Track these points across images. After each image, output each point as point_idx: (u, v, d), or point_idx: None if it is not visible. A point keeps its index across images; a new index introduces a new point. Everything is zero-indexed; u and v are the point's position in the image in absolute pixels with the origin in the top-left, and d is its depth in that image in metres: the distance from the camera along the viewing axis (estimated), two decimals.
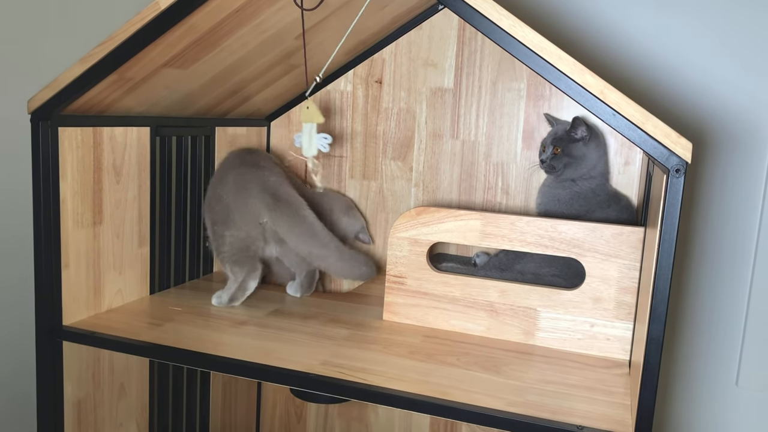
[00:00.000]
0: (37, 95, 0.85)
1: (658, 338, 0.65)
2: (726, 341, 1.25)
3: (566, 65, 0.67)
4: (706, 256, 1.24)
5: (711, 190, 1.22)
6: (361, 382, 0.78)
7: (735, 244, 1.22)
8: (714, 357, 1.26)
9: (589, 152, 1.04)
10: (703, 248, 1.24)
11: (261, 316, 1.00)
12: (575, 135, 1.03)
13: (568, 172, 1.04)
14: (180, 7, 0.78)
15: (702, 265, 1.25)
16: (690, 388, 1.29)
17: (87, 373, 0.96)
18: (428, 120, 1.21)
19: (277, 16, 0.92)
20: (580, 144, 1.03)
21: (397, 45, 1.21)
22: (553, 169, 1.04)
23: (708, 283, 1.25)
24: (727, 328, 1.25)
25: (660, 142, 0.65)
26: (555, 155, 1.04)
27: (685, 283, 1.26)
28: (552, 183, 1.07)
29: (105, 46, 0.81)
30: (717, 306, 1.25)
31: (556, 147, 1.04)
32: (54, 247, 0.88)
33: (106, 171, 0.95)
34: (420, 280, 0.99)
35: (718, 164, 1.21)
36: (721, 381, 1.27)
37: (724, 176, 1.21)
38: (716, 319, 1.25)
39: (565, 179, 1.05)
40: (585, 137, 1.03)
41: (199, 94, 1.05)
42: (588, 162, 1.04)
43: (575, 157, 1.03)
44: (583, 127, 1.03)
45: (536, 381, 0.81)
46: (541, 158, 1.07)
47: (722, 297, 1.24)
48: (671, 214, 0.63)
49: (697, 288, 1.26)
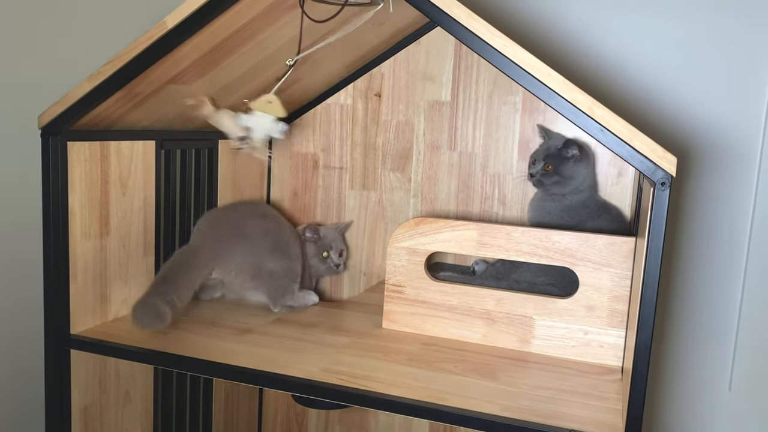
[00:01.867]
0: (47, 111, 0.88)
1: (647, 344, 0.68)
2: (719, 347, 1.28)
3: (556, 83, 0.70)
4: (699, 263, 1.27)
5: (703, 200, 1.25)
6: (362, 388, 0.80)
7: (727, 251, 1.25)
8: (707, 363, 1.29)
9: (578, 170, 1.06)
10: (696, 256, 1.27)
11: (263, 325, 1.02)
12: (566, 154, 1.06)
13: (557, 188, 1.07)
14: (186, 27, 0.81)
15: (695, 273, 1.27)
16: (683, 394, 1.31)
17: (93, 380, 0.98)
18: (426, 132, 1.24)
19: (278, 34, 0.95)
20: (571, 163, 1.06)
21: (396, 59, 1.24)
22: (542, 184, 1.07)
23: (700, 289, 1.27)
24: (719, 334, 1.27)
25: (646, 156, 0.68)
26: (546, 172, 1.06)
27: (677, 289, 1.28)
28: (542, 196, 1.10)
29: (113, 64, 0.84)
30: (709, 312, 1.27)
31: (547, 164, 1.06)
32: (62, 257, 0.91)
33: (113, 183, 0.98)
34: (418, 288, 1.02)
35: (708, 175, 1.24)
36: (715, 387, 1.29)
37: (715, 186, 1.24)
38: (709, 325, 1.28)
39: (555, 194, 1.07)
40: (576, 156, 1.06)
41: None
42: (577, 180, 1.06)
43: (565, 176, 1.06)
44: (575, 148, 1.05)
45: (531, 387, 0.83)
46: (531, 172, 1.09)
47: (715, 303, 1.27)
48: (657, 225, 0.66)
49: (689, 294, 1.28)
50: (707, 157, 1.24)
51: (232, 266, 1.07)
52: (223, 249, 1.07)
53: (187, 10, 0.80)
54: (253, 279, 1.08)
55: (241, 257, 1.07)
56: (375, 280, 1.30)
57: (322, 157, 1.31)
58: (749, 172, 1.22)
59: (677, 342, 1.30)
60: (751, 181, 1.22)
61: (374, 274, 1.30)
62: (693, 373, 1.30)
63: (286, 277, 1.09)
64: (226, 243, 1.07)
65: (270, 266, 1.08)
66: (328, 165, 1.31)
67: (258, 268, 1.07)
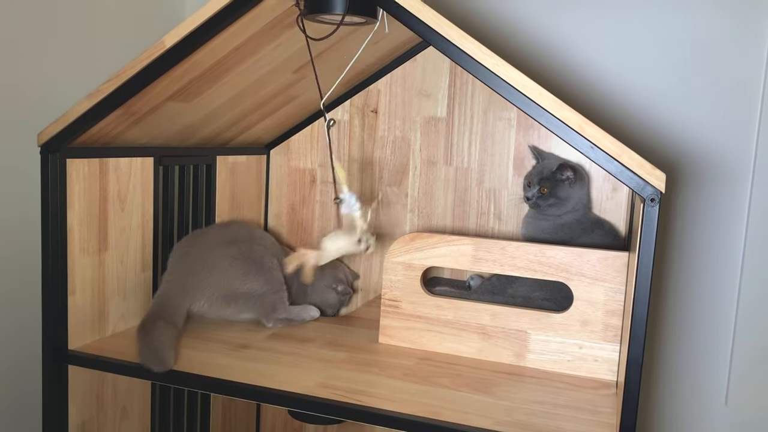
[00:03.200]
0: (46, 128, 0.89)
1: (638, 359, 0.68)
2: (714, 361, 1.28)
3: (546, 101, 0.71)
4: (695, 276, 1.27)
5: (697, 214, 1.26)
6: (358, 403, 0.81)
7: (721, 264, 1.26)
8: (703, 377, 1.29)
9: (574, 192, 1.07)
10: (692, 269, 1.27)
11: (259, 340, 1.03)
12: (561, 176, 1.07)
13: (554, 209, 1.08)
14: (184, 46, 0.83)
15: (690, 286, 1.28)
16: (679, 408, 1.31)
17: (91, 396, 0.99)
18: (422, 147, 1.25)
19: (275, 52, 0.97)
20: (566, 185, 1.07)
21: (392, 76, 1.25)
22: (539, 206, 1.08)
23: (696, 303, 1.28)
24: (715, 347, 1.28)
25: (636, 173, 0.69)
26: (542, 195, 1.07)
27: (672, 303, 1.29)
28: (535, 214, 1.11)
29: (112, 83, 0.85)
30: (705, 326, 1.28)
31: (543, 187, 1.07)
32: (61, 273, 0.91)
33: (111, 200, 0.99)
34: (414, 303, 1.02)
35: (702, 189, 1.25)
36: (711, 400, 1.29)
37: (709, 200, 1.25)
38: (705, 338, 1.28)
39: (550, 214, 1.08)
40: (570, 178, 1.07)
41: (201, 125, 1.09)
42: (573, 201, 1.07)
43: (561, 198, 1.07)
44: (569, 171, 1.07)
45: (525, 401, 0.84)
46: (527, 195, 1.09)
47: (711, 317, 1.27)
48: (647, 241, 0.67)
49: (684, 308, 1.29)
50: (700, 172, 1.25)
51: (203, 300, 1.05)
52: (190, 284, 1.05)
53: (185, 30, 0.81)
54: (231, 306, 1.07)
55: (209, 290, 1.05)
56: (371, 295, 1.31)
57: (319, 172, 1.32)
58: (742, 185, 1.23)
59: (673, 356, 1.30)
60: (744, 195, 1.23)
61: (371, 288, 1.31)
62: (689, 387, 1.30)
63: (268, 292, 1.08)
64: (193, 278, 1.05)
65: (246, 288, 1.07)
66: (326, 180, 1.32)
67: (233, 294, 1.06)
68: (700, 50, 1.23)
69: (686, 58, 1.24)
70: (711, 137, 1.24)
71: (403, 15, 0.76)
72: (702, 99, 1.24)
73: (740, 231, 1.24)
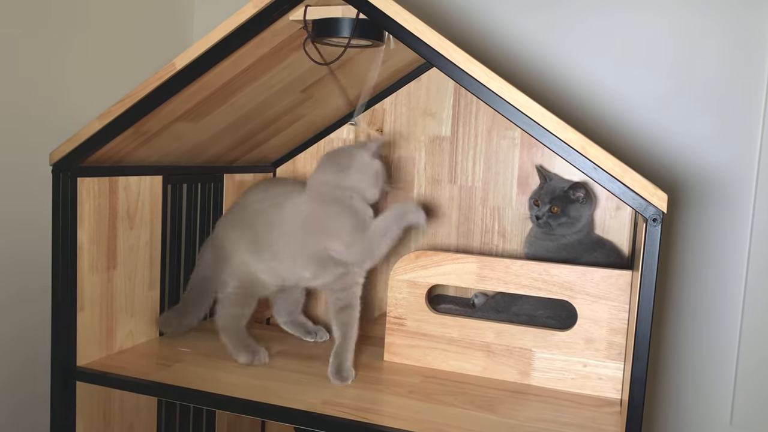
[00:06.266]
0: (58, 148, 0.91)
1: (642, 377, 0.69)
2: (719, 380, 1.28)
3: (550, 123, 0.73)
4: (698, 295, 1.28)
5: (700, 233, 1.27)
6: (362, 420, 0.81)
7: (725, 283, 1.26)
8: (707, 396, 1.29)
9: (584, 212, 1.08)
10: (695, 288, 1.28)
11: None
12: (572, 196, 1.08)
13: (563, 229, 1.08)
14: (194, 68, 0.84)
15: (694, 305, 1.28)
16: (684, 428, 1.31)
17: (98, 412, 0.99)
18: (427, 166, 1.27)
19: (284, 73, 0.99)
20: (578, 205, 1.08)
21: (397, 96, 1.27)
22: (549, 226, 1.08)
23: (700, 322, 1.28)
24: (719, 366, 1.28)
25: (638, 193, 0.70)
26: (552, 214, 1.08)
27: (676, 322, 1.29)
28: (539, 234, 1.11)
29: (123, 104, 0.87)
30: (709, 345, 1.28)
31: (554, 206, 1.08)
32: (70, 290, 0.93)
33: (121, 218, 1.01)
34: (419, 321, 1.03)
35: (704, 207, 1.26)
36: (715, 420, 1.29)
37: (712, 219, 1.26)
38: (709, 357, 1.28)
39: (559, 233, 1.09)
40: (582, 199, 1.08)
41: (209, 144, 1.11)
42: (582, 221, 1.08)
43: (573, 218, 1.07)
44: (582, 191, 1.07)
45: (530, 419, 0.84)
46: (537, 214, 1.09)
47: (715, 336, 1.28)
48: (650, 260, 0.68)
49: (688, 327, 1.29)
50: (702, 190, 1.26)
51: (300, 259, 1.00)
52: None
53: (195, 53, 0.83)
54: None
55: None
56: (376, 312, 1.31)
57: None
58: (745, 204, 1.24)
59: (677, 375, 1.30)
60: (746, 213, 1.24)
61: (375, 306, 1.32)
62: (693, 406, 1.30)
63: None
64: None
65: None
66: None
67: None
68: (701, 69, 1.24)
69: (688, 78, 1.25)
70: (713, 156, 1.25)
71: (408, 38, 0.78)
72: (704, 118, 1.25)
73: (743, 249, 1.25)
